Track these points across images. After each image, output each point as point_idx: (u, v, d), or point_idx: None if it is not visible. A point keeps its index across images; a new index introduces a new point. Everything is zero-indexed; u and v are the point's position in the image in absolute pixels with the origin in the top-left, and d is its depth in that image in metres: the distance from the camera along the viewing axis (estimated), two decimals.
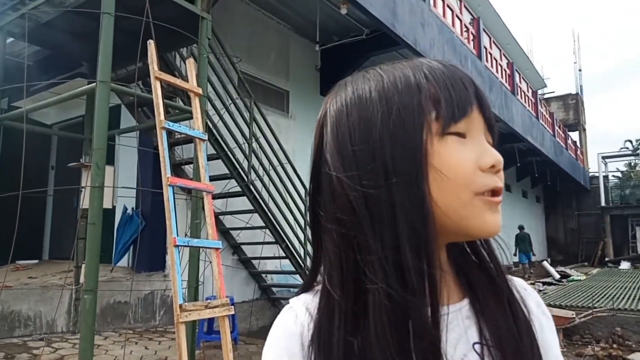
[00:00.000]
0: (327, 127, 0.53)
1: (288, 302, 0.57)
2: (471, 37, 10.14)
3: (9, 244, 3.60)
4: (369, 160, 0.48)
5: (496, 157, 0.50)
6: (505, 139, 12.94)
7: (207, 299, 4.44)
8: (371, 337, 0.46)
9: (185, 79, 4.27)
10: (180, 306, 2.84)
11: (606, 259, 20.12)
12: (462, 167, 0.48)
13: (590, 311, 7.06)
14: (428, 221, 0.47)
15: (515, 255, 14.52)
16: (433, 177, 0.47)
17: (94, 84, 3.50)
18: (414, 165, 0.47)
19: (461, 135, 0.50)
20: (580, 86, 24.66)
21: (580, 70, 24.81)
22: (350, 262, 0.49)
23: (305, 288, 0.57)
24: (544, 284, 11.55)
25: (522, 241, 14.08)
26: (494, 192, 0.50)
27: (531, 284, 11.15)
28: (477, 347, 0.52)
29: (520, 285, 0.60)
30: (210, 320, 5.12)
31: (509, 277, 0.59)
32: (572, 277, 13.14)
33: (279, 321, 0.55)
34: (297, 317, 0.53)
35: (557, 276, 13.33)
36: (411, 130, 0.48)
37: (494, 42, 11.93)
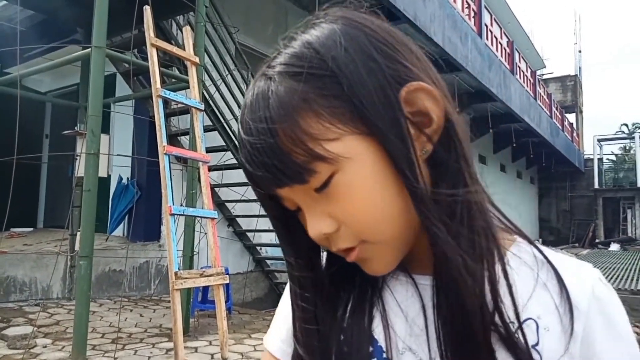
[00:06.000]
0: None
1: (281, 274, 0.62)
2: (472, 14, 10.00)
3: (3, 211, 3.60)
4: None
5: (311, 233, 0.45)
6: (502, 118, 12.91)
7: (202, 268, 4.49)
8: None
9: (182, 47, 4.21)
10: (176, 273, 2.88)
11: (597, 240, 20.40)
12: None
13: None
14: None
15: None
16: None
17: (89, 49, 3.45)
18: None
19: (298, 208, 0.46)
20: (580, 68, 24.50)
21: (580, 51, 24.60)
22: None
23: None
24: None
25: None
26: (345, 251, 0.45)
27: None
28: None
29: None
30: (205, 290, 5.18)
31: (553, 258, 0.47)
32: None
33: None
34: None
35: None
36: None
37: (494, 19, 11.77)
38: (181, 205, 4.68)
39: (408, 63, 0.44)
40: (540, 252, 0.47)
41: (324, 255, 0.52)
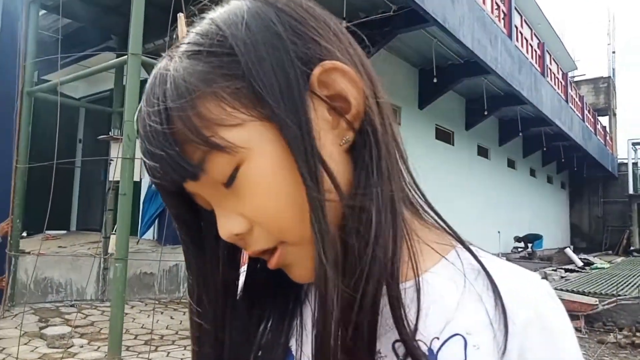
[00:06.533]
0: None
1: None
2: (502, 16, 9.83)
3: (38, 214, 3.70)
4: None
5: (221, 233, 0.40)
6: (532, 122, 12.63)
7: None
8: None
9: None
10: None
11: (631, 247, 19.69)
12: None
13: (614, 299, 6.94)
14: None
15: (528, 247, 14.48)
16: None
17: (126, 56, 3.53)
18: None
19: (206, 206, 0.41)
20: (613, 69, 23.79)
21: (614, 52, 23.91)
22: None
23: None
24: (566, 270, 11.40)
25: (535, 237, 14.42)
26: (266, 254, 0.41)
27: (553, 270, 11.02)
28: (397, 346, 0.39)
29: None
30: None
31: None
32: (595, 265, 12.94)
33: None
34: None
35: (580, 263, 13.13)
36: None
37: (525, 21, 11.55)
38: None
39: (323, 41, 0.39)
40: (478, 260, 0.41)
41: (242, 271, 0.47)
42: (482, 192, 12.38)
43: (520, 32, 10.92)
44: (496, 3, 9.55)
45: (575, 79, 22.24)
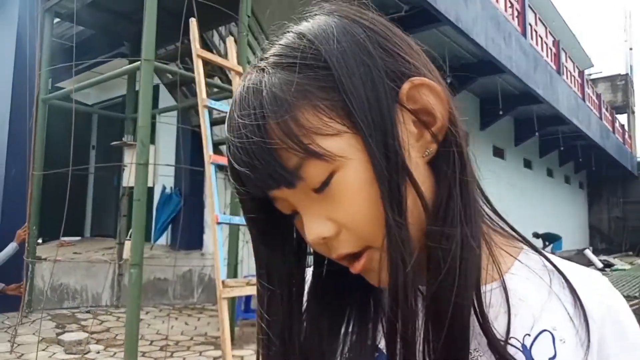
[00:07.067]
0: None
1: None
2: (516, 14, 9.69)
3: (52, 220, 3.71)
4: None
5: (309, 237, 0.41)
6: (549, 121, 12.41)
7: (245, 277, 4.49)
8: None
9: (223, 57, 4.25)
10: (223, 282, 2.86)
11: None
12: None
13: (637, 301, 6.76)
14: None
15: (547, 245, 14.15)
16: None
17: (138, 62, 3.53)
18: None
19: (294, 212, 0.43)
20: (631, 66, 23.33)
21: (631, 49, 23.45)
22: None
23: None
24: None
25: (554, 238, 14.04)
26: (348, 259, 0.42)
27: None
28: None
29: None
30: (247, 299, 5.18)
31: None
32: (616, 267, 12.65)
33: None
34: None
35: (600, 265, 12.84)
36: None
37: (539, 19, 11.37)
38: (224, 213, 4.71)
39: (409, 57, 0.42)
40: (549, 260, 0.45)
41: (308, 276, 0.49)
42: (497, 194, 12.18)
43: (535, 30, 10.75)
44: (509, 1, 9.42)
45: (592, 76, 21.85)
